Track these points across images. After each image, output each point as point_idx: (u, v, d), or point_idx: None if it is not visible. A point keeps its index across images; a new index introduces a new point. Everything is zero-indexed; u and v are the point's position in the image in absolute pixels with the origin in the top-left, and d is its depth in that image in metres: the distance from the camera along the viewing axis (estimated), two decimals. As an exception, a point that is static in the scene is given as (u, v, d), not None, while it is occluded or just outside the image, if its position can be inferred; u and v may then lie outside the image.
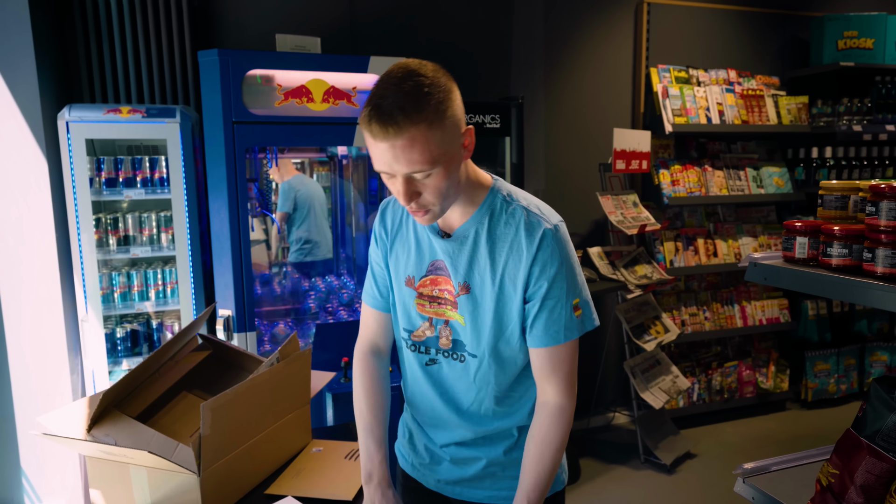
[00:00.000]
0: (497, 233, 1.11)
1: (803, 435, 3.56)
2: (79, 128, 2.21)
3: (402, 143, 0.95)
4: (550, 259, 1.08)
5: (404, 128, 0.94)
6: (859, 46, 3.73)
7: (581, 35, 3.52)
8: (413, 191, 1.02)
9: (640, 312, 3.38)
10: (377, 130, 0.96)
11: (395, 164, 0.98)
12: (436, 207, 1.05)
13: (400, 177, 1.00)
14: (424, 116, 0.95)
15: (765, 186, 3.76)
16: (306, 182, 3.17)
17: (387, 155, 0.97)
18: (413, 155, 0.97)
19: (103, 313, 2.34)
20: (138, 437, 1.47)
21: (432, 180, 1.01)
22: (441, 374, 1.20)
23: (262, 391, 1.58)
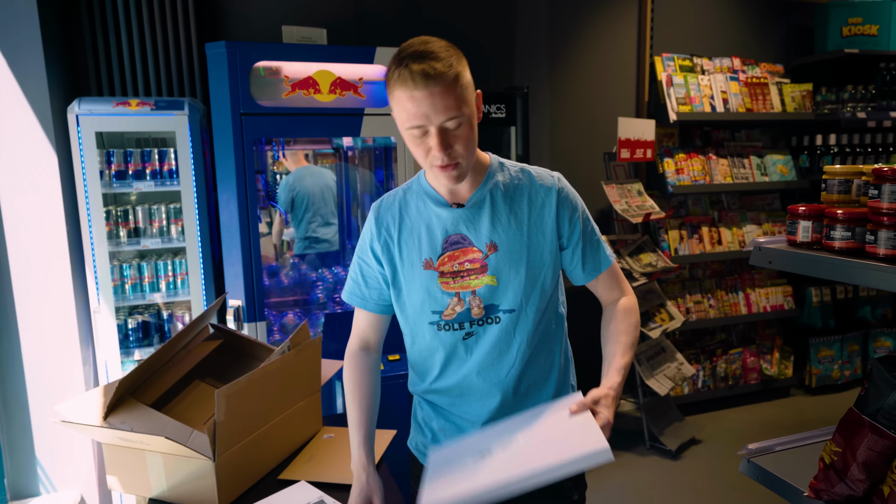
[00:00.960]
0: (512, 189, 1.22)
1: (807, 420, 3.58)
2: (89, 121, 2.23)
3: (440, 90, 1.05)
4: (572, 202, 1.23)
5: (441, 75, 1.05)
6: (864, 33, 3.72)
7: (585, 24, 3.52)
8: (447, 142, 1.09)
9: (645, 300, 3.40)
10: (418, 79, 1.04)
11: (433, 113, 1.06)
12: (464, 161, 1.12)
13: (434, 128, 1.07)
14: (454, 69, 1.07)
15: (769, 174, 3.76)
16: (313, 173, 3.18)
17: (424, 105, 1.05)
18: (449, 101, 1.06)
19: (115, 304, 2.37)
20: (154, 424, 1.50)
21: (463, 130, 1.10)
22: (479, 344, 1.22)
23: (274, 379, 1.61)
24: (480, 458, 1.05)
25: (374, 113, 2.49)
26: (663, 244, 3.57)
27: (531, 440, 1.05)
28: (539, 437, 1.05)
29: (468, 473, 1.03)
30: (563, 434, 1.02)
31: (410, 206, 1.25)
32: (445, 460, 1.13)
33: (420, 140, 1.10)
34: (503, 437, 1.09)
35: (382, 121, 2.51)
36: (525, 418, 1.13)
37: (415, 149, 1.12)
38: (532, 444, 1.04)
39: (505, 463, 1.01)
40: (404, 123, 1.10)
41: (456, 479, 1.03)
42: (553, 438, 1.03)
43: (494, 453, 1.05)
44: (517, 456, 1.02)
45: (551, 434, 1.04)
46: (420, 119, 1.07)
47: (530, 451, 1.02)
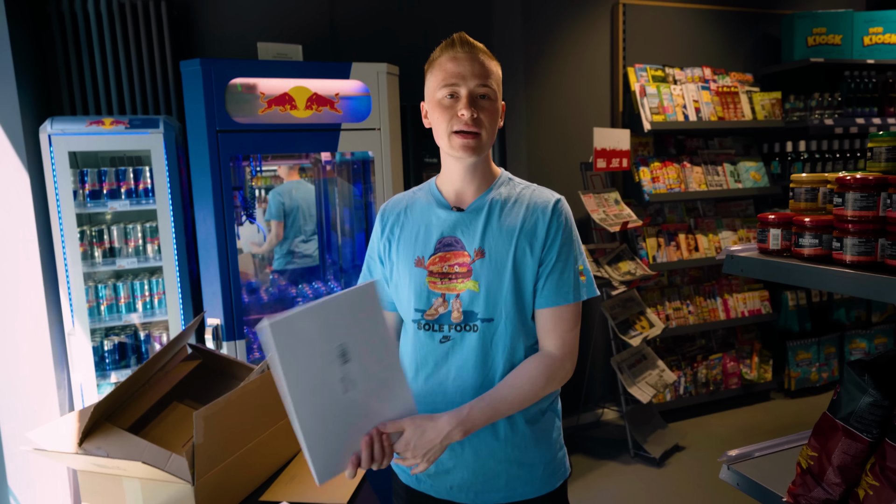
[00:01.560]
0: (511, 202, 1.25)
1: (788, 423, 3.63)
2: (61, 140, 2.20)
3: (481, 60, 1.19)
4: (563, 224, 1.24)
5: (485, 51, 1.22)
6: (828, 42, 3.83)
7: (559, 36, 3.57)
8: (474, 106, 1.18)
9: (624, 308, 3.43)
10: (466, 45, 1.19)
11: (470, 74, 1.17)
12: (485, 133, 1.20)
13: (465, 91, 1.17)
14: (492, 57, 1.23)
15: (742, 181, 3.84)
16: (294, 189, 3.17)
17: (464, 65, 1.17)
18: (486, 71, 1.19)
19: (90, 326, 2.33)
20: (131, 449, 1.47)
21: (489, 105, 1.20)
22: (454, 351, 1.23)
23: (253, 398, 1.59)
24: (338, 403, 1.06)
25: (351, 128, 2.50)
26: (641, 252, 3.61)
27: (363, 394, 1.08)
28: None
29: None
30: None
31: (416, 207, 1.31)
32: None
33: (448, 104, 1.18)
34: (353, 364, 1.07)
35: (360, 135, 2.51)
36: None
37: (440, 115, 1.19)
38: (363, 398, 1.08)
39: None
40: (438, 85, 1.19)
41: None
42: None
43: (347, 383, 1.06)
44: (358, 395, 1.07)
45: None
46: (456, 77, 1.17)
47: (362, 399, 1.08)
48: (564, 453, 1.34)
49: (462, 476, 1.25)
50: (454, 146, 1.20)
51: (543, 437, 1.27)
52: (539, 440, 1.26)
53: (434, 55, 1.23)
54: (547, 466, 1.28)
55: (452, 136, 1.19)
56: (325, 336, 1.03)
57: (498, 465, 1.24)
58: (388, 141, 2.54)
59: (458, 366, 1.23)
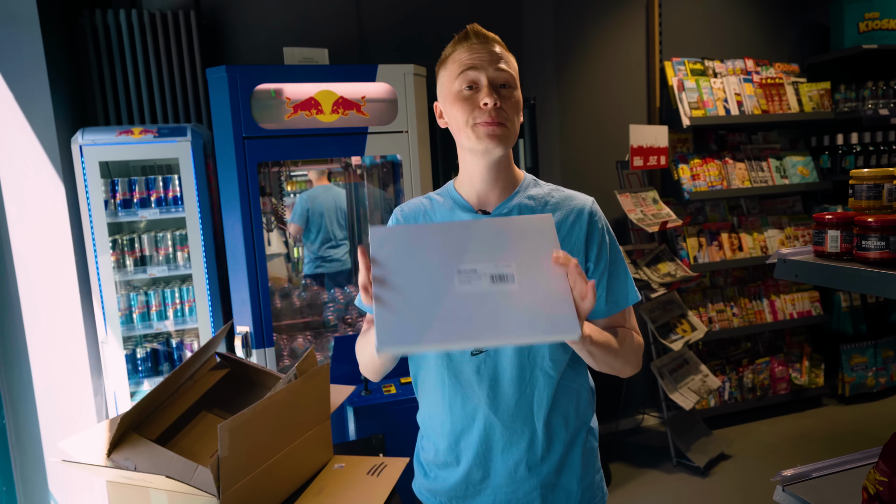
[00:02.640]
0: (541, 206, 1.17)
1: (842, 432, 3.43)
2: (92, 151, 2.22)
3: (500, 50, 1.12)
4: (604, 229, 1.17)
5: (500, 42, 1.14)
6: (882, 28, 3.61)
7: (592, 32, 3.47)
8: (497, 95, 1.10)
9: (665, 311, 3.29)
10: (480, 35, 1.12)
11: (489, 62, 1.10)
12: (510, 124, 1.11)
13: (486, 79, 1.09)
14: (508, 51, 1.15)
15: (789, 177, 3.65)
16: (322, 193, 3.16)
17: (482, 54, 1.10)
18: (502, 60, 1.11)
19: (123, 334, 2.35)
20: (157, 461, 1.46)
21: (512, 94, 1.12)
22: (489, 364, 1.13)
23: (280, 408, 1.56)
24: (441, 293, 0.89)
25: (378, 131, 2.45)
26: (682, 253, 3.47)
27: (506, 294, 0.89)
28: (514, 292, 0.89)
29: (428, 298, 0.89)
30: (540, 298, 0.88)
31: (436, 213, 1.21)
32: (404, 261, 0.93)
33: (468, 95, 1.10)
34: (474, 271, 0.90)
35: (387, 138, 2.47)
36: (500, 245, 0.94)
37: (461, 106, 1.10)
38: (504, 302, 0.88)
39: (468, 315, 0.87)
40: (454, 77, 1.11)
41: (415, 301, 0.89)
42: (528, 300, 0.88)
43: (462, 290, 0.89)
44: (484, 312, 0.87)
45: (529, 292, 0.89)
46: (474, 66, 1.10)
47: (497, 309, 0.88)
48: (602, 476, 1.25)
49: (493, 500, 1.18)
50: (480, 136, 1.09)
51: (580, 459, 1.19)
52: (575, 462, 1.18)
53: (446, 51, 1.16)
54: (585, 491, 1.19)
55: (477, 127, 1.10)
56: (440, 258, 0.91)
57: (532, 491, 1.16)
58: (415, 143, 2.49)
59: (492, 380, 1.13)
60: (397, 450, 2.18)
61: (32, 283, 2.30)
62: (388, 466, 1.61)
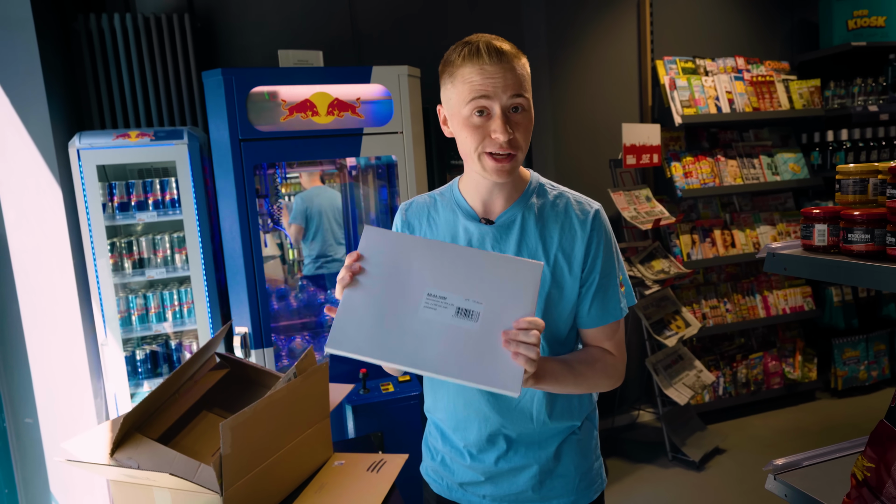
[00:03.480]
0: (546, 214, 1.15)
1: (835, 425, 3.47)
2: (89, 154, 2.23)
3: (512, 68, 1.04)
4: (604, 239, 1.15)
5: (515, 56, 1.06)
6: (871, 25, 3.65)
7: (584, 31, 3.49)
8: (508, 125, 1.05)
9: (659, 308, 3.33)
10: (493, 53, 1.03)
11: (503, 88, 1.03)
12: (521, 153, 1.08)
13: (499, 107, 1.04)
14: (520, 55, 1.08)
15: (780, 173, 3.69)
16: (319, 194, 3.18)
17: (495, 78, 1.03)
18: (519, 81, 1.05)
19: (122, 336, 2.36)
20: (160, 459, 1.47)
21: (524, 118, 1.07)
22: None
23: (280, 407, 1.58)
24: (404, 310, 0.96)
25: (373, 132, 2.48)
26: (675, 250, 3.51)
27: (457, 331, 0.95)
28: (467, 330, 0.95)
29: (386, 319, 0.96)
30: (488, 350, 0.94)
31: (440, 215, 1.21)
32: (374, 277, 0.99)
33: (479, 123, 1.05)
34: (440, 294, 0.97)
35: (382, 139, 2.49)
36: (472, 279, 0.99)
37: (470, 133, 1.06)
38: (454, 336, 0.95)
39: (421, 340, 0.94)
40: (465, 101, 1.05)
41: (370, 318, 0.96)
42: (477, 348, 0.95)
43: (420, 314, 0.95)
44: (437, 341, 0.94)
45: (480, 338, 0.95)
46: (486, 93, 1.03)
47: (450, 342, 0.94)
48: (601, 463, 1.29)
49: (494, 485, 1.22)
50: (487, 169, 1.08)
51: (580, 447, 1.23)
52: (573, 449, 1.22)
53: (454, 60, 1.07)
54: (584, 477, 1.23)
55: (484, 158, 1.07)
56: (421, 273, 0.97)
57: (532, 477, 1.19)
58: (410, 144, 2.51)
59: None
60: (396, 447, 2.20)
61: (31, 287, 2.31)
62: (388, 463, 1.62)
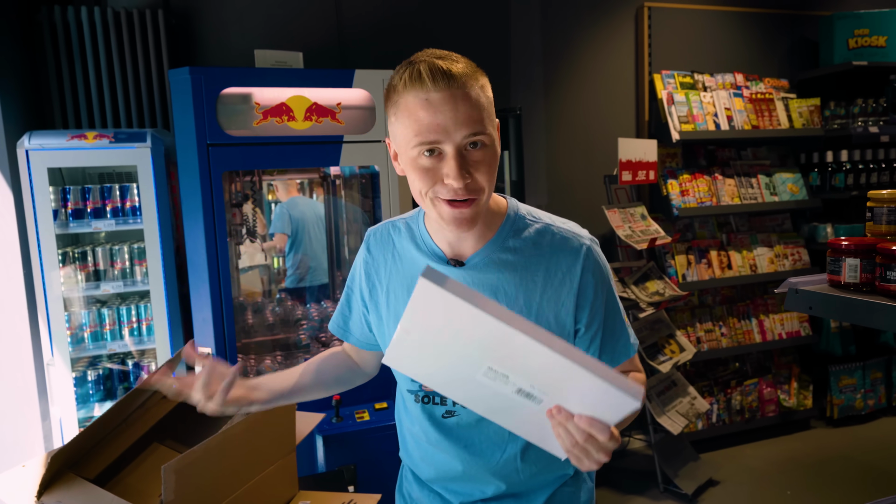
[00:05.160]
0: (526, 254, 0.97)
1: (830, 457, 3.33)
2: (40, 156, 2.05)
3: (463, 95, 0.85)
4: (600, 277, 0.99)
5: (465, 77, 0.86)
6: (871, 45, 3.57)
7: (580, 43, 3.38)
8: (466, 168, 0.86)
9: (653, 331, 3.18)
10: (438, 77, 0.83)
11: (454, 124, 0.84)
12: (483, 197, 0.89)
13: (452, 148, 0.85)
14: (478, 76, 0.89)
15: (778, 193, 3.58)
16: (302, 203, 3.02)
17: (443, 111, 0.84)
18: (473, 111, 0.85)
19: (73, 355, 2.17)
20: (95, 503, 1.31)
21: (484, 154, 0.88)
22: (461, 426, 1.01)
23: (237, 443, 1.42)
24: (458, 369, 0.77)
25: (354, 140, 2.32)
26: (670, 270, 3.37)
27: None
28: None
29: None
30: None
31: (404, 252, 1.03)
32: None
33: (429, 165, 0.86)
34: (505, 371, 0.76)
35: (363, 148, 2.33)
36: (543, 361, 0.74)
37: (419, 176, 0.87)
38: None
39: (476, 394, 0.79)
40: (410, 141, 0.86)
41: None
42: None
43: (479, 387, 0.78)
44: (492, 402, 0.79)
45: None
46: (435, 132, 0.84)
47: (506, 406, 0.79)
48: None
49: None
50: (444, 218, 0.89)
51: (572, 499, 1.09)
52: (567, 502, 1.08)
53: (396, 85, 0.88)
54: None
55: (439, 204, 0.88)
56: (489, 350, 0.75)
57: None
58: (394, 154, 2.36)
59: (471, 443, 1.02)
60: (371, 482, 2.03)
61: (-26, 299, 2.12)
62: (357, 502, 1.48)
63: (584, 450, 0.74)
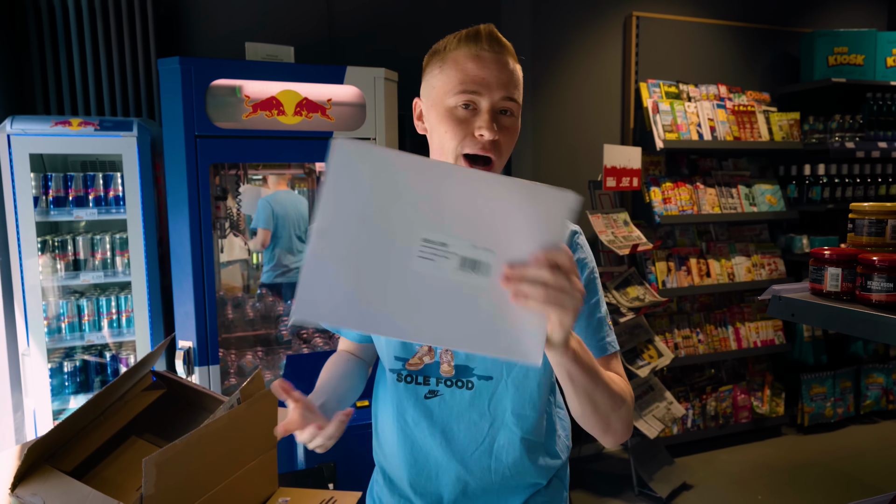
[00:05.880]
0: None
1: (801, 462, 3.41)
2: (21, 141, 2.01)
3: (508, 64, 0.95)
4: (584, 261, 1.00)
5: (513, 54, 0.98)
6: (850, 63, 3.66)
7: (568, 49, 3.41)
8: (497, 122, 0.94)
9: (632, 336, 3.22)
10: (493, 41, 0.95)
11: (496, 82, 0.93)
12: (499, 162, 0.96)
13: (487, 103, 0.93)
14: (517, 59, 0.99)
15: (757, 204, 3.65)
16: (283, 199, 2.99)
17: (490, 68, 0.93)
18: (512, 78, 0.95)
19: (50, 345, 2.12)
20: (71, 496, 1.29)
21: (512, 123, 0.97)
22: (443, 409, 1.03)
23: (219, 438, 1.40)
24: (392, 261, 0.70)
25: (344, 136, 2.31)
26: (650, 276, 3.42)
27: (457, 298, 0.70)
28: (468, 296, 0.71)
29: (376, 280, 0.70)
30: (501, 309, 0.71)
31: None
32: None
33: (463, 116, 0.93)
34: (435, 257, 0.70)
35: (354, 145, 2.32)
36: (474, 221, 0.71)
37: (450, 128, 0.93)
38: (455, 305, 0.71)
39: (416, 300, 0.70)
40: (454, 89, 0.93)
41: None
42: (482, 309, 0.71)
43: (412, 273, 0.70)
44: (437, 301, 0.71)
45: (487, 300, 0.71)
46: (479, 83, 0.92)
47: (454, 303, 0.71)
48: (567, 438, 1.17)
49: None
50: None
51: (544, 498, 1.09)
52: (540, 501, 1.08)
53: (447, 45, 0.98)
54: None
55: (460, 160, 0.94)
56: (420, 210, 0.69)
57: None
58: (383, 152, 2.36)
59: (449, 427, 1.03)
60: (350, 480, 2.02)
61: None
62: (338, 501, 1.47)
63: (559, 288, 0.67)
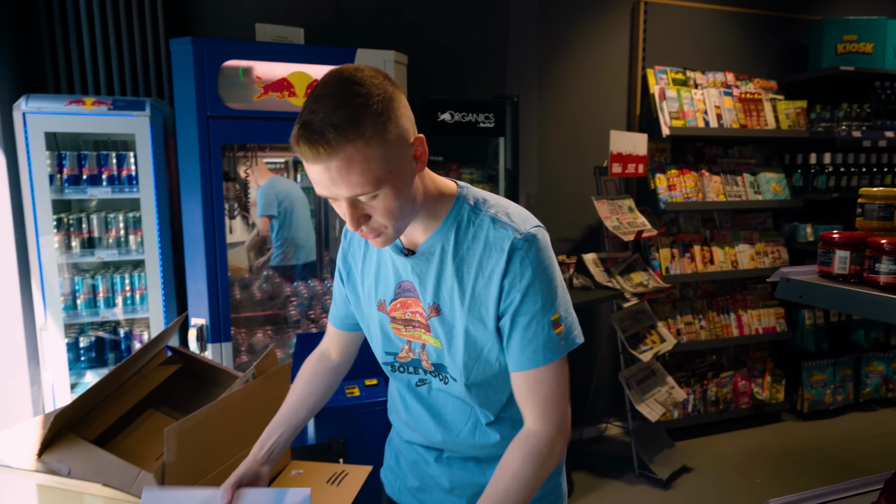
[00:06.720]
0: (464, 249, 0.99)
1: (799, 448, 3.47)
2: (37, 119, 2.03)
3: (338, 165, 0.83)
4: (521, 272, 0.96)
5: (337, 147, 0.81)
6: (859, 51, 3.66)
7: (576, 34, 3.41)
8: (360, 214, 0.90)
9: (635, 321, 3.26)
10: (307, 151, 0.83)
11: (334, 187, 0.85)
12: (389, 230, 0.93)
13: (343, 200, 0.88)
14: (361, 132, 0.82)
15: (762, 192, 3.67)
16: (288, 182, 3.01)
17: (323, 178, 0.85)
18: (352, 177, 0.84)
19: (66, 321, 2.16)
20: (95, 464, 1.33)
21: (380, 201, 0.88)
22: (431, 395, 1.13)
23: (235, 411, 1.45)
24: None
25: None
26: (654, 263, 3.45)
27: None
28: None
29: None
30: None
31: None
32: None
33: (335, 205, 0.91)
34: None
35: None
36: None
37: (336, 211, 0.93)
38: None
39: None
40: (313, 186, 0.90)
41: None
42: None
43: None
44: None
45: None
46: (323, 189, 0.87)
47: None
48: (558, 483, 1.19)
49: (443, 498, 1.17)
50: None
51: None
52: None
53: (292, 137, 0.86)
54: (543, 499, 1.14)
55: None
56: None
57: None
58: (393, 134, 2.37)
59: (437, 410, 1.13)
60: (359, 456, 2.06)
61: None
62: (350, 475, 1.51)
63: None
